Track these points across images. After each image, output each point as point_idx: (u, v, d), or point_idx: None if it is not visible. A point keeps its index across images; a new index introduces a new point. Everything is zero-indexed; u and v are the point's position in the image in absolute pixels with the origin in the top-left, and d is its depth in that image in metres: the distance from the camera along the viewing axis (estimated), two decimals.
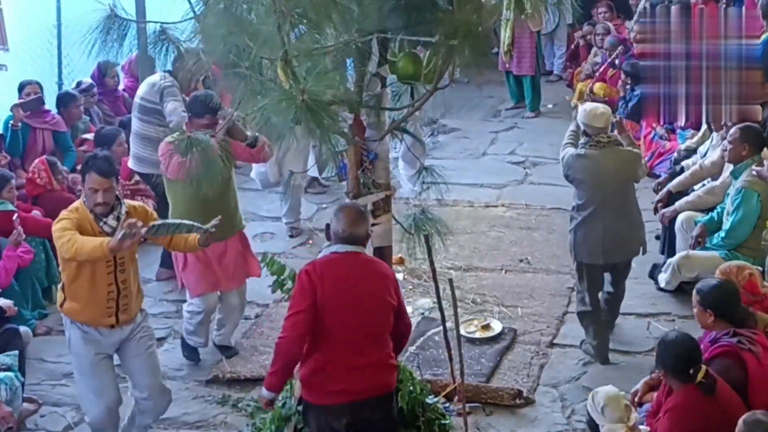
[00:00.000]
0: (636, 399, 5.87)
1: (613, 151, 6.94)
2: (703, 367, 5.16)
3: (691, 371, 5.13)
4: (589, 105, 7.30)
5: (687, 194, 8.44)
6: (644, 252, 7.27)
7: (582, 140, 7.04)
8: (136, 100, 8.64)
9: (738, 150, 7.59)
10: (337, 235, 5.17)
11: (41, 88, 9.51)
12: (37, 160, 8.72)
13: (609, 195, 6.90)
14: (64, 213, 5.69)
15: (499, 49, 12.78)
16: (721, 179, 8.12)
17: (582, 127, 7.06)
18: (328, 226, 5.28)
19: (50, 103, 9.81)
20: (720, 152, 8.11)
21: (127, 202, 5.92)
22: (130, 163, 8.67)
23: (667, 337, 5.37)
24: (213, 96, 6.74)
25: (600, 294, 7.16)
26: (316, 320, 5.04)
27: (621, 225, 6.97)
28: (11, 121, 9.13)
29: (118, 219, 5.66)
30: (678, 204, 8.25)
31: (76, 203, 5.82)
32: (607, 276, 7.22)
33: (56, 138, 9.45)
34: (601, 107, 7.13)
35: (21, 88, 9.45)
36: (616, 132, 7.18)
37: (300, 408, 5.50)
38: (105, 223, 5.66)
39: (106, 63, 10.22)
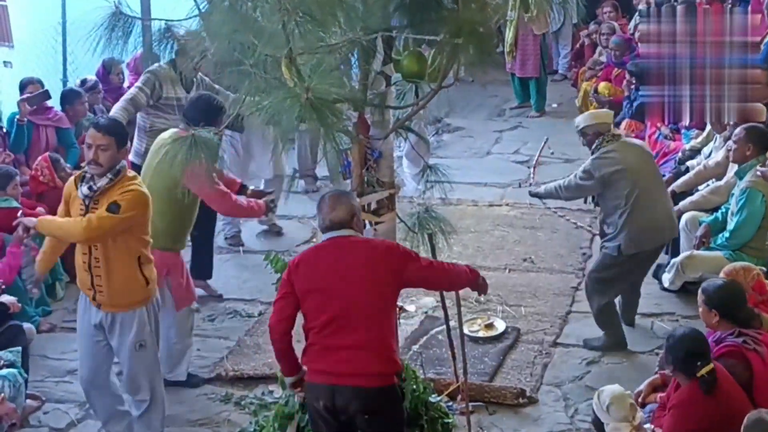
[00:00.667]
0: (640, 400, 5.86)
1: (627, 142, 7.28)
2: (711, 364, 5.16)
3: (698, 365, 5.12)
4: (586, 113, 7.67)
5: (691, 194, 8.43)
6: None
7: (597, 141, 7.05)
8: None
9: (743, 150, 7.58)
10: (320, 226, 5.21)
11: (42, 86, 9.50)
12: (40, 158, 8.72)
13: (649, 176, 7.10)
14: None
15: (503, 49, 12.82)
16: (725, 179, 8.12)
17: (593, 130, 7.08)
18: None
19: (55, 101, 9.82)
20: (724, 152, 8.11)
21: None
22: (131, 157, 8.45)
23: (676, 332, 5.36)
24: (213, 97, 6.76)
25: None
26: (298, 305, 5.15)
27: (668, 202, 7.41)
28: (17, 117, 9.14)
29: (90, 189, 5.64)
30: (682, 204, 8.25)
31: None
32: None
33: (59, 135, 9.46)
34: (600, 110, 7.61)
35: (23, 86, 9.45)
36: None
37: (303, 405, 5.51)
38: (79, 188, 5.70)
39: (111, 60, 10.23)
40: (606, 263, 7.16)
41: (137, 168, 6.77)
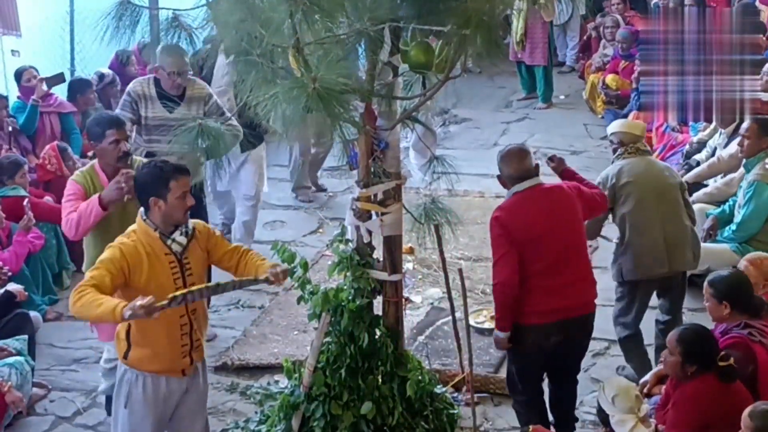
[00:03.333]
0: (645, 391, 5.86)
1: (651, 158, 6.87)
2: (731, 357, 5.15)
3: (716, 358, 5.12)
4: (620, 120, 7.45)
5: (705, 186, 8.43)
6: (696, 266, 6.86)
7: (618, 151, 6.76)
8: None
9: (757, 144, 7.56)
10: (511, 177, 5.67)
11: (37, 73, 9.52)
12: (48, 146, 8.75)
13: (662, 195, 6.55)
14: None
15: (511, 39, 12.79)
16: (739, 171, 8.08)
17: (618, 138, 6.80)
18: (499, 176, 5.80)
19: (62, 90, 9.84)
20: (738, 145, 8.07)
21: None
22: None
23: (688, 328, 5.31)
24: (107, 115, 6.66)
25: (655, 324, 6.80)
26: (518, 256, 5.53)
27: (679, 229, 6.59)
28: (33, 96, 9.19)
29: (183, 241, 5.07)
30: (696, 195, 8.23)
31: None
32: (658, 304, 6.84)
33: (62, 120, 9.49)
34: (631, 120, 7.30)
35: (19, 74, 9.46)
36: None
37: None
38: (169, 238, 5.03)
39: (124, 51, 10.23)
40: (616, 289, 6.75)
41: None
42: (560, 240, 5.59)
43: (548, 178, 5.98)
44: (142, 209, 5.02)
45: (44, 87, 9.27)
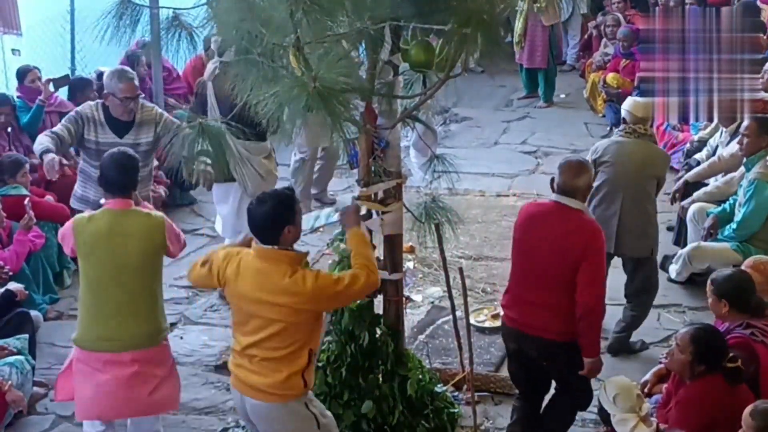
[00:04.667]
0: (646, 390, 5.86)
1: (645, 143, 7.03)
2: (738, 359, 5.15)
3: (724, 359, 5.12)
4: (633, 98, 7.48)
5: (704, 185, 8.43)
6: (654, 254, 7.12)
7: (621, 127, 7.17)
8: None
9: (756, 142, 7.56)
10: (559, 186, 5.62)
11: (40, 73, 9.53)
12: None
13: (631, 183, 6.86)
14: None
15: (511, 39, 12.81)
16: (740, 170, 8.09)
17: (624, 115, 7.17)
18: (552, 179, 5.69)
19: (63, 89, 9.83)
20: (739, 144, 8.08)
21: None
22: (75, 204, 7.37)
23: (702, 328, 5.30)
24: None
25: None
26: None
27: (638, 218, 6.91)
28: (40, 96, 9.22)
29: None
30: (696, 194, 8.25)
31: None
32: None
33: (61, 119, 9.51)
34: (648, 101, 7.31)
35: (22, 74, 9.46)
36: None
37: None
38: None
39: (134, 53, 10.24)
40: None
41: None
42: (543, 260, 5.52)
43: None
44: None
45: (51, 88, 9.32)
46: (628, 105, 7.21)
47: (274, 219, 4.92)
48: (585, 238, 5.45)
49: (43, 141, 6.91)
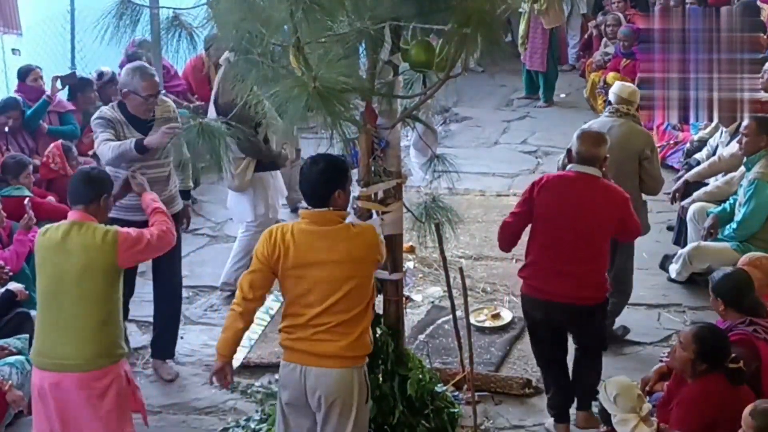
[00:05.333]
0: (647, 388, 5.86)
1: (628, 123, 7.14)
2: (740, 360, 5.15)
3: (727, 358, 5.12)
4: (621, 82, 7.81)
5: (704, 185, 8.43)
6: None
7: (606, 108, 7.46)
8: None
9: (756, 142, 7.56)
10: (579, 154, 5.82)
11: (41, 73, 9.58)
12: (52, 145, 8.77)
13: (612, 160, 6.56)
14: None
15: (512, 39, 12.84)
16: (740, 170, 8.09)
17: (611, 96, 7.40)
18: (569, 150, 5.94)
19: (63, 89, 9.86)
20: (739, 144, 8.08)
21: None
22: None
23: (706, 327, 5.30)
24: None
25: None
26: (529, 223, 5.89)
27: None
28: (48, 92, 9.28)
29: None
30: (696, 194, 8.25)
31: None
32: None
33: (61, 119, 9.54)
34: (633, 86, 7.54)
35: (24, 74, 9.48)
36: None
37: None
38: None
39: (135, 53, 10.25)
40: None
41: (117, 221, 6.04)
42: (572, 231, 5.75)
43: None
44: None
45: (59, 85, 9.42)
46: (615, 87, 7.47)
47: (325, 180, 4.95)
48: (617, 207, 5.80)
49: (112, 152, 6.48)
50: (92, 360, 5.15)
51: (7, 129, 8.90)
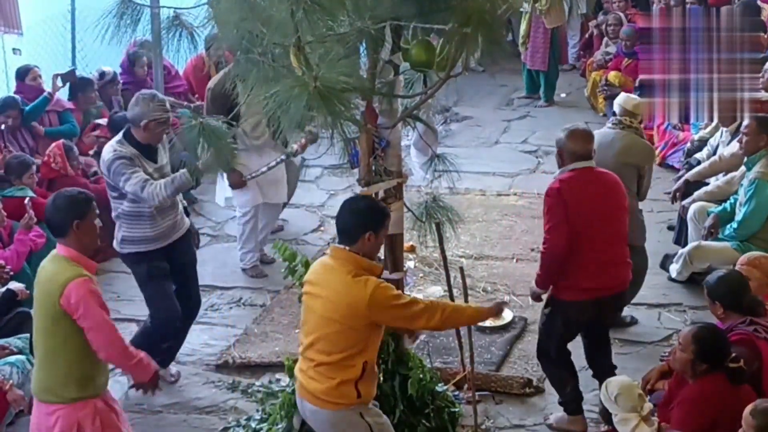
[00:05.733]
0: (648, 386, 5.86)
1: (629, 134, 7.20)
2: (741, 359, 5.15)
3: (726, 358, 5.12)
4: (627, 94, 7.88)
5: (705, 184, 8.43)
6: (635, 243, 7.05)
7: (609, 119, 7.57)
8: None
9: (756, 141, 7.56)
10: (575, 153, 5.93)
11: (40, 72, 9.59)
12: (53, 145, 8.78)
13: (609, 170, 6.56)
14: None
15: (513, 39, 12.83)
16: (740, 170, 8.09)
17: (616, 107, 7.50)
18: (559, 151, 6.02)
19: (64, 88, 9.85)
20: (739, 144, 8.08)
21: None
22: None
23: (705, 327, 5.30)
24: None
25: None
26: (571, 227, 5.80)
27: None
28: (49, 89, 9.32)
29: None
30: (697, 194, 8.25)
31: None
32: None
33: (60, 117, 9.55)
34: (639, 99, 7.58)
35: (23, 73, 9.48)
36: None
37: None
38: None
39: (136, 53, 10.25)
40: None
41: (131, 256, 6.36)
42: (608, 222, 5.93)
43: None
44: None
45: (59, 83, 9.44)
46: (620, 99, 7.53)
47: (356, 221, 4.93)
48: (623, 189, 6.08)
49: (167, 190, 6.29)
50: (40, 391, 5.10)
51: (3, 127, 8.90)
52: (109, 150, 6.33)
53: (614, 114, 7.45)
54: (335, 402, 4.90)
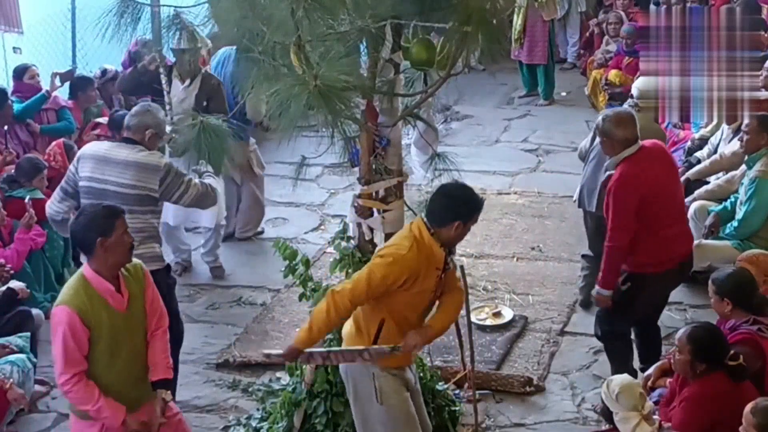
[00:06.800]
0: (649, 384, 5.86)
1: (644, 117, 7.30)
2: (740, 357, 5.15)
3: (725, 356, 5.12)
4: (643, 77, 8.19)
5: (705, 183, 8.42)
6: None
7: (627, 101, 7.89)
8: (122, 189, 5.97)
9: (756, 140, 7.56)
10: (626, 140, 6.02)
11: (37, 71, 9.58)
12: (53, 143, 8.79)
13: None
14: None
15: (510, 36, 12.79)
16: (741, 168, 8.08)
17: (632, 90, 7.90)
18: (606, 139, 6.09)
19: (64, 87, 9.85)
20: (740, 142, 8.07)
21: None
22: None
23: (700, 327, 5.32)
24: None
25: None
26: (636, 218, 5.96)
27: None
28: (48, 88, 9.33)
29: None
30: (697, 192, 8.24)
31: None
32: None
33: (58, 116, 9.55)
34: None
35: (20, 72, 9.47)
36: None
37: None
38: None
39: (137, 52, 10.25)
40: None
41: None
42: (676, 192, 6.24)
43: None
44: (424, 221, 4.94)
45: (58, 82, 9.45)
46: (638, 82, 7.93)
47: (449, 208, 4.92)
48: (670, 155, 6.41)
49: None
50: None
51: (6, 127, 8.91)
52: (162, 157, 6.12)
53: (631, 96, 7.80)
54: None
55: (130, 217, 5.21)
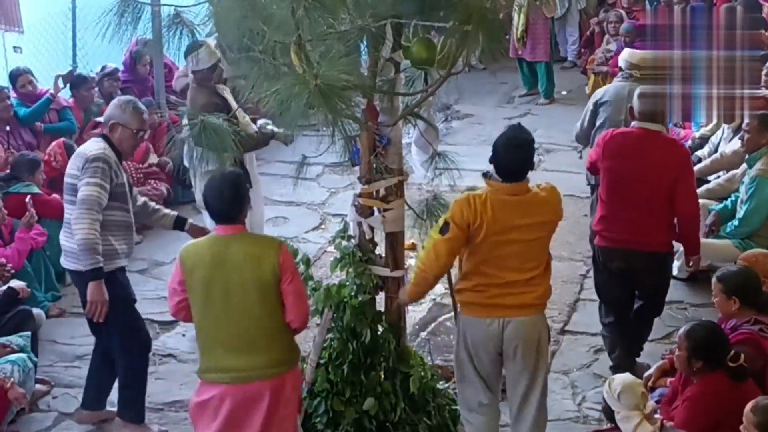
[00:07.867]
0: (649, 384, 5.87)
1: (628, 85, 7.59)
2: (742, 355, 5.15)
3: (726, 356, 5.12)
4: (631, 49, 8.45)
5: (707, 182, 8.42)
6: None
7: (621, 74, 8.03)
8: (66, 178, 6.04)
9: (757, 139, 7.56)
10: (642, 113, 6.29)
11: (33, 75, 9.56)
12: (54, 143, 8.79)
13: (627, 119, 6.93)
14: None
15: (511, 35, 12.79)
16: (742, 167, 8.09)
17: (622, 63, 8.04)
18: (630, 108, 6.42)
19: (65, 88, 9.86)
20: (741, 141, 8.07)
21: None
22: (62, 261, 6.30)
23: (699, 324, 5.33)
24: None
25: None
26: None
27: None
28: (51, 90, 9.34)
29: None
30: (698, 191, 8.23)
31: None
32: None
33: (60, 115, 9.55)
34: (641, 52, 8.07)
35: (15, 77, 9.45)
36: None
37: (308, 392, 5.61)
38: None
39: (138, 51, 10.25)
40: None
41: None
42: (644, 186, 6.14)
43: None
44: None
45: (60, 84, 9.48)
46: (624, 54, 8.12)
47: (528, 158, 5.46)
48: (679, 159, 6.22)
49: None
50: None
51: (8, 127, 8.91)
52: (97, 153, 5.85)
53: (620, 69, 8.05)
54: (543, 303, 5.39)
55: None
